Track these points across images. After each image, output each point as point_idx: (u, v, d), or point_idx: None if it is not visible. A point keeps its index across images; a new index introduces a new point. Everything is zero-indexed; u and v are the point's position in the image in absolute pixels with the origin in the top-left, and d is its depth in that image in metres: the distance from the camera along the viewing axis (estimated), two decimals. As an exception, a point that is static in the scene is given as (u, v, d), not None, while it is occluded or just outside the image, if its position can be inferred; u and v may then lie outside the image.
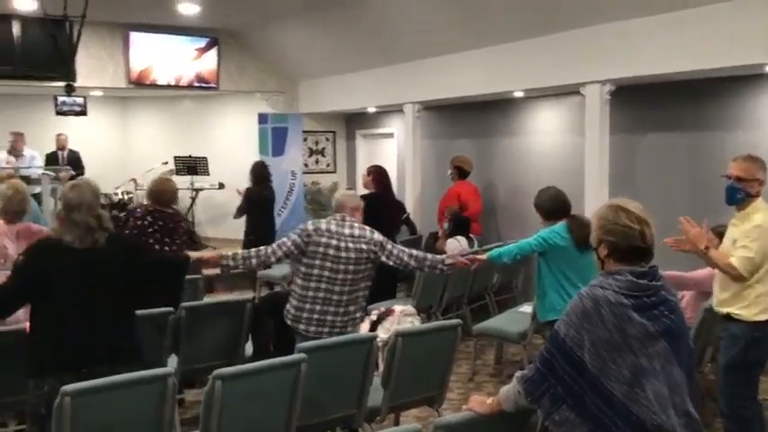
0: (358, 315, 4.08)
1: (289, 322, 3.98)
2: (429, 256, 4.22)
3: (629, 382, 2.08)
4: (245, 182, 8.07)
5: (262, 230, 7.52)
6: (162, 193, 4.94)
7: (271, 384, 3.08)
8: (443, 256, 4.27)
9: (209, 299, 5.70)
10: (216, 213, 10.92)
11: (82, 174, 8.74)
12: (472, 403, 2.41)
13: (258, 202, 7.74)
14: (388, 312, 5.01)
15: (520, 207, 7.46)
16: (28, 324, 3.12)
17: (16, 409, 3.91)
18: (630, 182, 6.37)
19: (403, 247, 4.12)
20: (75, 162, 9.30)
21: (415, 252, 4.13)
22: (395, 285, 6.41)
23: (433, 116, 8.95)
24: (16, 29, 8.47)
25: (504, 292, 7.06)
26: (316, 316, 3.91)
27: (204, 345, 4.20)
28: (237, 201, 7.98)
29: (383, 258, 4.01)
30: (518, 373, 2.30)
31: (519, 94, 7.43)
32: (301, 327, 3.93)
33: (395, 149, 9.84)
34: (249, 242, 7.45)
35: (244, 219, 7.82)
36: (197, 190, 10.36)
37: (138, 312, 3.33)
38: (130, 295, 3.17)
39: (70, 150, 9.59)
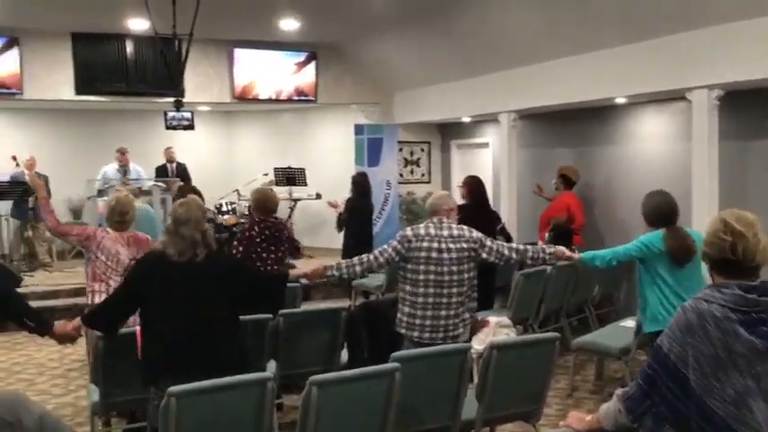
0: (467, 316, 4.07)
1: (402, 330, 3.99)
2: (530, 247, 4.18)
3: (734, 401, 1.95)
4: (340, 192, 8.21)
5: (360, 240, 7.61)
6: (266, 203, 5.10)
7: (366, 392, 3.10)
8: (545, 245, 4.22)
9: (306, 306, 5.82)
10: (313, 223, 11.17)
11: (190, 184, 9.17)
12: (570, 419, 2.33)
13: (359, 213, 7.84)
14: (483, 323, 4.94)
15: (622, 218, 7.19)
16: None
17: (126, 408, 4.14)
18: (741, 192, 6.01)
19: (502, 242, 4.10)
20: (182, 174, 9.79)
21: (515, 245, 4.12)
22: (492, 296, 6.33)
23: (530, 125, 8.80)
24: (129, 48, 9.04)
25: (605, 305, 6.81)
26: (428, 322, 3.92)
27: (301, 351, 4.29)
28: (332, 211, 8.11)
29: (484, 255, 4.00)
30: (619, 391, 2.21)
31: (621, 101, 7.19)
32: (415, 334, 3.94)
33: (490, 159, 9.74)
34: (348, 252, 7.57)
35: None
36: (295, 200, 10.63)
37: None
38: (232, 307, 3.29)
39: (178, 163, 10.10)
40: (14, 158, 9.34)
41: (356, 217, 7.81)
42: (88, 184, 9.33)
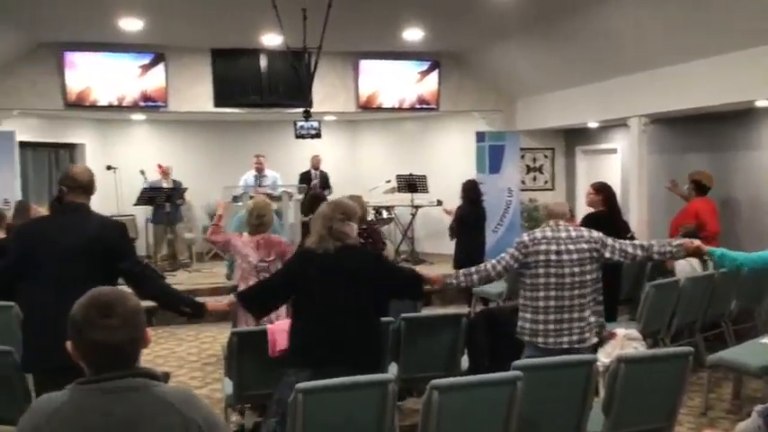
0: (593, 320, 3.98)
1: (526, 338, 3.96)
2: (654, 241, 4.01)
3: None
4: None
5: (471, 248, 7.59)
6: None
7: (487, 399, 3.11)
8: (670, 240, 4.04)
9: (426, 311, 5.88)
10: (434, 229, 11.23)
11: (330, 191, 9.58)
12: (705, 437, 2.24)
13: (468, 220, 7.82)
14: (610, 336, 4.78)
15: (764, 226, 6.72)
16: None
17: (258, 401, 4.36)
18: None
19: (624, 240, 3.97)
20: (324, 181, 10.27)
21: (638, 241, 3.96)
22: (615, 308, 6.10)
23: (662, 130, 8.41)
24: (263, 62, 9.53)
25: (743, 320, 6.38)
26: (552, 326, 3.87)
27: (422, 355, 4.35)
28: (448, 219, 8.13)
29: (607, 254, 3.90)
30: (759, 407, 2.10)
31: (762, 104, 6.72)
32: (540, 339, 3.90)
33: (618, 166, 9.39)
34: (459, 259, 7.57)
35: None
36: (417, 207, 10.75)
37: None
38: (374, 303, 3.44)
39: (321, 171, 10.56)
40: (160, 166, 10.11)
41: (465, 224, 7.78)
42: (225, 190, 9.90)
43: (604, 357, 4.37)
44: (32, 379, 3.55)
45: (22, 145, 9.46)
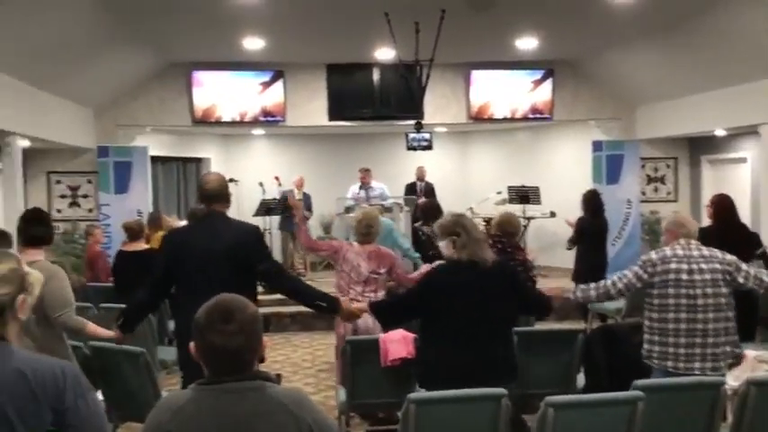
0: (728, 349, 3.73)
1: (654, 362, 3.76)
2: None
3: None
4: (576, 211, 7.99)
5: (592, 260, 7.33)
6: (505, 225, 5.20)
7: (605, 419, 3.00)
8: None
9: (539, 326, 5.74)
10: (547, 242, 10.96)
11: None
12: None
13: (590, 232, 7.57)
14: (740, 357, 4.47)
15: None
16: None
17: (370, 410, 4.42)
18: None
19: (761, 269, 3.72)
20: (429, 192, 10.32)
21: None
22: (754, 326, 5.69)
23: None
24: (376, 76, 9.71)
25: None
26: (683, 350, 3.65)
27: (536, 371, 4.25)
28: (568, 230, 7.92)
29: (740, 279, 3.66)
30: None
31: None
32: (669, 364, 3.69)
33: (748, 176, 8.80)
34: (578, 272, 7.34)
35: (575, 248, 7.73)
36: (529, 218, 10.54)
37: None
38: (509, 318, 3.43)
39: (426, 182, 10.62)
40: (277, 179, 10.50)
41: (587, 237, 7.53)
42: (338, 201, 10.16)
43: (733, 380, 4.10)
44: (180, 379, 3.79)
45: (154, 159, 10.12)
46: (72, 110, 8.71)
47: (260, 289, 3.78)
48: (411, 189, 10.45)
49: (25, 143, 7.54)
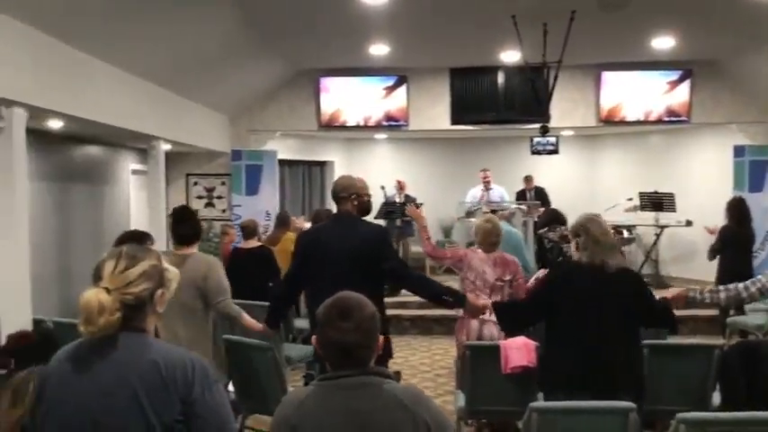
0: None
1: None
2: None
3: None
4: (714, 219, 7.50)
5: (736, 272, 6.83)
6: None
7: (744, 441, 2.79)
8: None
9: (671, 340, 5.43)
10: (682, 252, 10.37)
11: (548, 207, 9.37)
12: None
13: (734, 242, 7.08)
14: None
15: None
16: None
17: (490, 417, 4.36)
18: None
19: None
20: (541, 197, 10.07)
21: None
22: None
23: None
24: (500, 79, 9.58)
25: None
26: None
27: (667, 386, 4.02)
28: (707, 239, 7.44)
29: None
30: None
31: None
32: None
33: None
34: (721, 284, 6.87)
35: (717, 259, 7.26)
36: (662, 227, 10.01)
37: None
38: (631, 327, 3.30)
39: (536, 187, 10.40)
40: (399, 182, 10.62)
41: (731, 246, 7.03)
42: (459, 205, 10.12)
43: None
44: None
45: (281, 162, 10.53)
46: (209, 116, 9.25)
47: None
48: (521, 196, 10.28)
49: (167, 147, 8.08)
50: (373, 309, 1.86)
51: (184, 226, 3.90)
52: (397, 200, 10.32)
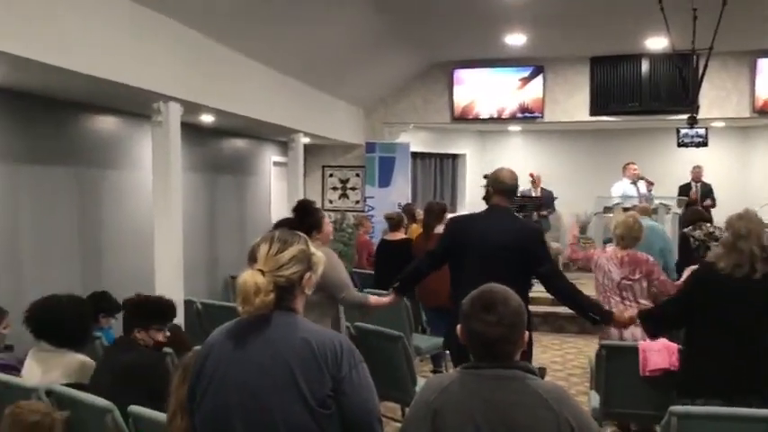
0: None
1: None
2: None
3: None
4: None
5: None
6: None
7: None
8: None
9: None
10: None
11: (713, 205, 8.79)
12: None
13: None
14: None
15: None
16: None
17: (624, 419, 4.19)
18: None
19: None
20: (706, 194, 9.45)
21: None
22: None
23: None
24: (645, 67, 9.12)
25: None
26: None
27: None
28: None
29: None
30: None
31: None
32: None
33: None
34: None
35: None
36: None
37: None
38: None
39: (703, 183, 9.76)
40: (532, 176, 10.38)
41: None
42: (597, 200, 9.74)
43: None
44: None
45: (413, 155, 10.65)
46: (345, 109, 9.52)
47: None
48: (685, 190, 9.59)
49: (306, 140, 8.41)
50: (519, 302, 1.85)
51: (304, 217, 3.96)
52: (532, 194, 10.10)
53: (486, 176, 9.36)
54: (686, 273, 4.66)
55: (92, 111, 5.66)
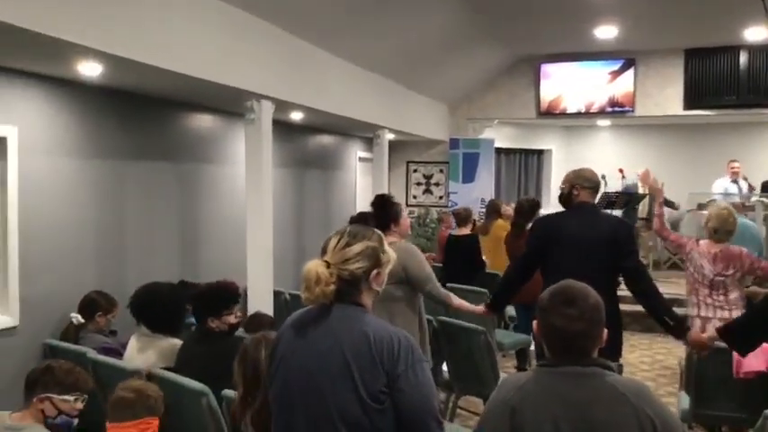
0: None
1: None
2: None
3: None
4: None
5: None
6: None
7: None
8: None
9: None
10: None
11: None
12: None
13: None
14: None
15: None
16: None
17: (714, 422, 4.07)
18: None
19: None
20: None
21: None
22: None
23: None
24: (743, 59, 8.71)
25: None
26: None
27: None
28: None
29: None
30: None
31: None
32: None
33: None
34: None
35: None
36: None
37: None
38: None
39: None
40: (621, 171, 10.10)
41: None
42: (690, 197, 9.39)
43: None
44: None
45: (497, 150, 10.56)
46: (429, 105, 9.56)
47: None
48: None
49: (391, 136, 8.51)
50: (598, 298, 1.83)
51: (380, 212, 4.00)
52: (641, 190, 9.79)
53: (603, 177, 9.17)
54: None
55: (189, 109, 5.95)
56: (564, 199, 3.82)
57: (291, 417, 1.87)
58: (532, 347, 5.39)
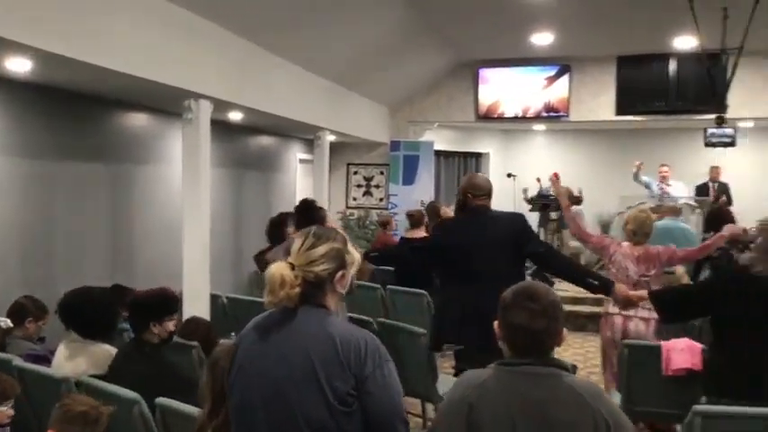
0: None
1: None
2: None
3: None
4: None
5: None
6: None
7: None
8: None
9: None
10: None
11: (729, 204, 8.69)
12: None
13: None
14: None
15: None
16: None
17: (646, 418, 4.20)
18: None
19: None
20: (723, 193, 9.32)
21: None
22: None
23: None
24: (672, 66, 9.05)
25: None
26: None
27: None
28: None
29: None
30: None
31: None
32: None
33: None
34: None
35: None
36: None
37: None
38: None
39: (719, 182, 9.64)
40: (555, 175, 10.30)
41: None
42: (621, 200, 9.68)
43: None
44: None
45: (437, 153, 10.66)
46: (370, 107, 9.57)
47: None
48: (702, 190, 9.49)
49: (332, 138, 8.47)
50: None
51: (306, 215, 3.98)
52: (552, 193, 10.04)
53: (509, 175, 9.37)
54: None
55: (124, 108, 5.78)
56: (459, 206, 3.90)
57: (253, 424, 1.81)
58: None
